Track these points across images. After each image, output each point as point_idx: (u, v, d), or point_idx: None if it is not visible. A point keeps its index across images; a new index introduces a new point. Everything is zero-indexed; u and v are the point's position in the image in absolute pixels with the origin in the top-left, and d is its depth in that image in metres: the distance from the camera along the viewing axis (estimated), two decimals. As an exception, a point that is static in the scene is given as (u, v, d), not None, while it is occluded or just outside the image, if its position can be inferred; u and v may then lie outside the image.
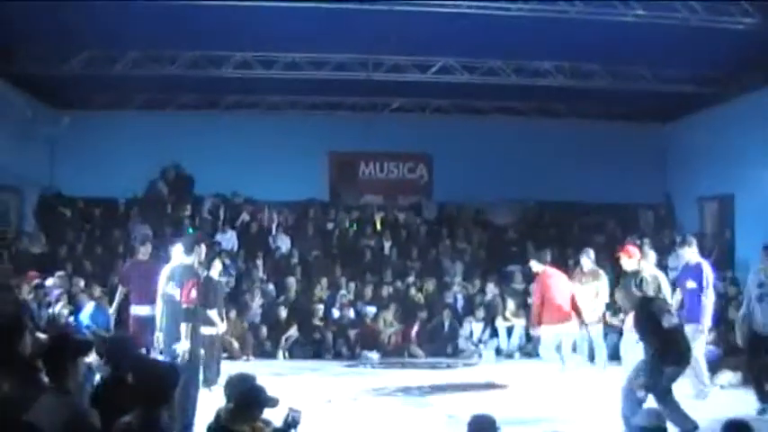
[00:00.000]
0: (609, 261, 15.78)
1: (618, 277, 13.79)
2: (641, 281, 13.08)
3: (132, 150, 20.85)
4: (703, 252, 12.05)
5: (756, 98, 18.67)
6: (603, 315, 14.60)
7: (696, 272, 12.44)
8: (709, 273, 12.39)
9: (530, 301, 18.77)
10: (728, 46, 16.29)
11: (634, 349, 13.14)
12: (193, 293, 9.99)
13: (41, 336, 11.40)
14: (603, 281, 14.59)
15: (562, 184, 22.02)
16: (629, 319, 12.88)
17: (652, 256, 12.94)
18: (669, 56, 17.46)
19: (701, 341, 12.11)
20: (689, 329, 12.28)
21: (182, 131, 21.51)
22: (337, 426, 10.38)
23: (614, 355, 14.85)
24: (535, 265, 14.21)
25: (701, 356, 12.10)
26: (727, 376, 13.27)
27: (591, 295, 14.64)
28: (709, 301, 12.17)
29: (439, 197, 23.74)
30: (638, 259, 13.58)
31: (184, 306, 9.91)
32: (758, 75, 18.21)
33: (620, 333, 14.00)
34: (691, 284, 12.41)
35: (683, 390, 11.91)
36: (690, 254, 12.70)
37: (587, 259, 14.95)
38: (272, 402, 6.39)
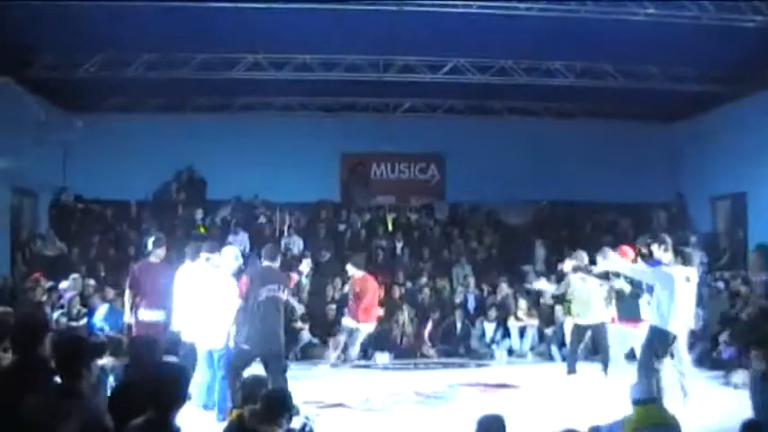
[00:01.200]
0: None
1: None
2: (615, 275, 13.12)
3: (145, 153, 20.94)
4: (716, 251, 12.01)
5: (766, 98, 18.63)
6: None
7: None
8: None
9: (542, 301, 18.85)
10: (740, 44, 16.23)
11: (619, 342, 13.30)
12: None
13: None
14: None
15: (574, 183, 21.99)
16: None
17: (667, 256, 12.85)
18: (680, 54, 17.42)
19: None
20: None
21: (194, 134, 21.56)
22: (351, 428, 10.39)
23: (630, 355, 14.88)
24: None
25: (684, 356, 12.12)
26: (742, 376, 13.21)
27: (605, 295, 14.65)
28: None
29: (451, 198, 23.75)
30: (630, 259, 13.55)
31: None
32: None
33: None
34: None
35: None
36: (659, 253, 12.62)
37: (603, 259, 14.92)
38: (295, 410, 6.43)
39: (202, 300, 11.03)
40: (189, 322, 11.22)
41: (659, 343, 11.32)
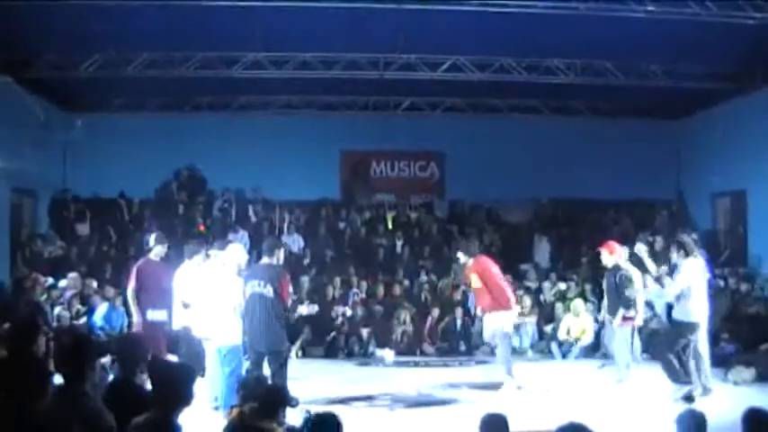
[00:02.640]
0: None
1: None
2: (621, 277, 13.14)
3: (146, 152, 20.94)
4: (716, 249, 12.12)
5: (766, 93, 18.64)
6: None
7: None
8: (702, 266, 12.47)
9: (542, 298, 18.88)
10: (739, 41, 16.25)
11: (616, 341, 13.33)
12: (290, 288, 10.73)
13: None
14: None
15: (575, 181, 22.01)
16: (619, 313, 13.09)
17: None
18: (681, 52, 17.42)
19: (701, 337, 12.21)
20: None
21: (195, 133, 21.57)
22: (353, 426, 10.38)
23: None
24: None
25: (704, 352, 12.18)
26: (741, 372, 13.24)
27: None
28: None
29: (451, 195, 23.76)
30: (618, 255, 13.57)
31: (289, 302, 10.68)
32: (768, 70, 18.19)
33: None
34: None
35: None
36: (675, 256, 12.70)
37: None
38: (294, 402, 6.45)
39: (210, 298, 11.05)
40: (198, 320, 11.25)
41: (682, 336, 11.77)
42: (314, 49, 17.97)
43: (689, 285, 11.71)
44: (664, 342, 11.93)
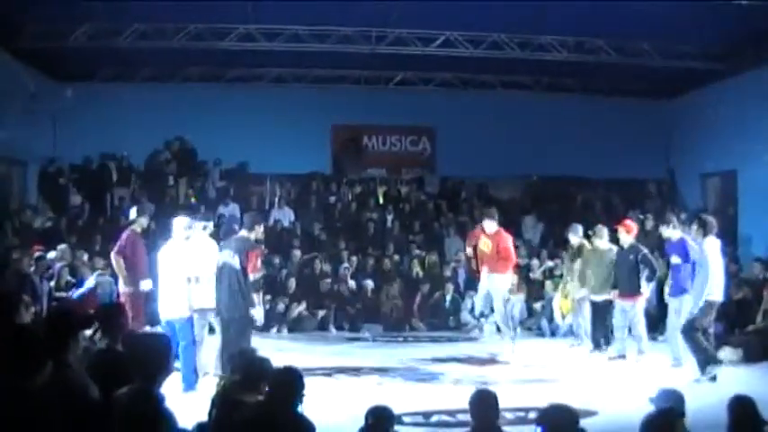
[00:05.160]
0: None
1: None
2: (644, 256, 13.32)
3: (136, 123, 20.78)
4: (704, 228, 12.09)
5: (760, 74, 18.60)
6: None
7: (678, 247, 12.57)
8: (693, 245, 12.49)
9: (532, 275, 18.92)
10: (732, 21, 16.22)
11: (625, 320, 13.42)
12: (259, 263, 10.87)
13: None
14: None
15: (566, 158, 21.98)
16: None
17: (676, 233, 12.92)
18: (674, 31, 17.39)
19: (685, 314, 12.25)
20: (674, 304, 12.50)
21: (185, 104, 21.44)
22: (341, 399, 10.42)
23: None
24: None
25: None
26: (728, 353, 13.29)
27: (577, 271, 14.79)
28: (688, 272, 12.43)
29: (442, 171, 23.71)
30: (634, 234, 13.72)
31: (253, 276, 10.74)
32: (762, 51, 18.12)
33: (610, 304, 14.15)
34: (675, 260, 12.61)
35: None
36: (670, 232, 12.78)
37: (574, 235, 15.03)
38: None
39: (197, 271, 11.20)
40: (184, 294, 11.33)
41: (707, 315, 11.71)
42: (306, 22, 17.85)
43: (707, 264, 11.62)
44: (690, 323, 11.77)
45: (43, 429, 4.34)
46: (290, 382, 6.08)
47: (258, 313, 10.75)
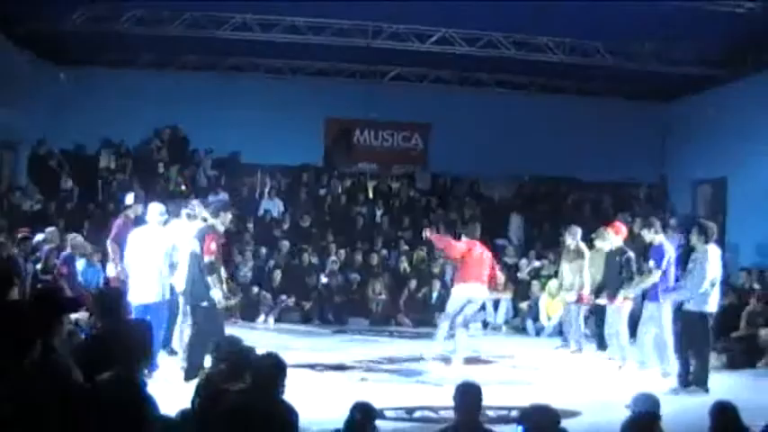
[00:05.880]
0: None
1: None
2: (627, 259, 13.30)
3: (129, 109, 20.73)
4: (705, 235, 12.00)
5: (753, 82, 18.67)
6: (582, 295, 14.63)
7: (656, 252, 12.54)
8: (670, 251, 12.45)
9: (520, 276, 18.93)
10: (728, 29, 16.26)
11: (620, 325, 13.37)
12: (213, 246, 10.69)
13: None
14: (586, 260, 14.62)
15: (558, 159, 22.04)
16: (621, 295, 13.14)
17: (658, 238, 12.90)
18: (669, 36, 17.42)
19: (666, 318, 12.22)
20: (648, 309, 12.46)
21: (180, 92, 21.38)
22: (323, 392, 10.42)
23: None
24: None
25: (668, 336, 12.20)
26: (712, 359, 13.30)
27: (575, 273, 14.76)
28: (656, 278, 12.36)
29: (434, 168, 23.72)
30: (623, 236, 13.72)
31: (206, 259, 10.60)
32: (758, 58, 18.17)
33: (602, 311, 14.16)
34: (651, 264, 12.58)
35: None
36: (651, 236, 12.74)
37: (570, 237, 15.02)
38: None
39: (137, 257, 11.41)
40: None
41: (702, 326, 11.43)
42: (303, 13, 17.83)
43: (705, 272, 11.38)
44: (699, 337, 11.51)
45: (28, 412, 4.35)
46: (271, 368, 6.09)
47: (216, 295, 10.66)
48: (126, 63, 21.55)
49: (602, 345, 14.62)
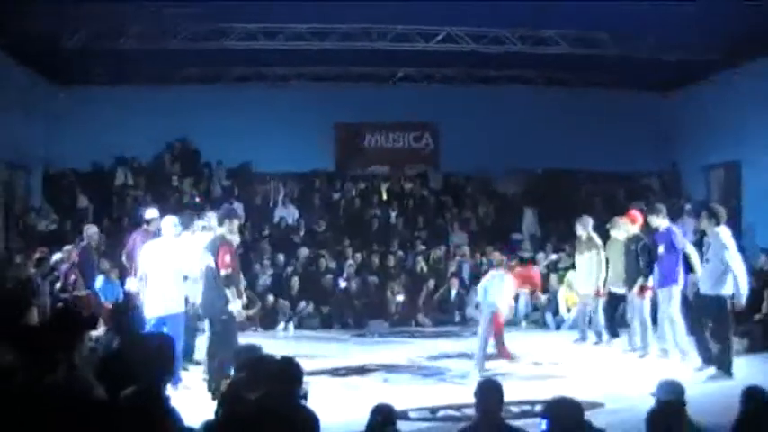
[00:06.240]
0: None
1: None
2: (644, 246, 13.27)
3: (137, 124, 20.83)
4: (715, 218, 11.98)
5: (764, 66, 18.57)
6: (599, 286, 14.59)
7: (665, 237, 12.53)
8: (679, 235, 12.44)
9: (534, 269, 18.88)
10: (735, 13, 16.17)
11: (643, 314, 13.34)
12: (228, 259, 10.66)
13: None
14: (599, 249, 14.56)
15: (569, 152, 21.98)
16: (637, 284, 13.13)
17: (664, 223, 12.90)
18: (676, 24, 17.33)
19: (675, 304, 12.21)
20: (662, 294, 12.45)
21: (187, 105, 21.44)
22: (347, 396, 10.45)
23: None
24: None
25: (678, 319, 12.19)
26: (734, 343, 13.26)
27: (587, 264, 14.71)
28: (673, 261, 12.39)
29: (445, 166, 23.73)
30: (639, 225, 13.69)
31: (223, 272, 10.58)
32: (766, 43, 18.08)
33: (622, 300, 14.15)
34: (661, 250, 12.56)
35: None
36: (658, 221, 12.74)
37: (581, 227, 14.94)
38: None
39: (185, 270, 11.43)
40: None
41: (719, 309, 11.37)
42: (306, 20, 17.86)
43: (722, 255, 11.29)
44: (717, 320, 11.39)
45: (50, 429, 4.38)
46: (288, 373, 6.10)
47: (235, 307, 10.66)
48: (129, 79, 21.54)
49: (614, 333, 14.63)
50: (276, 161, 21.83)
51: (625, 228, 13.91)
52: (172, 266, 11.28)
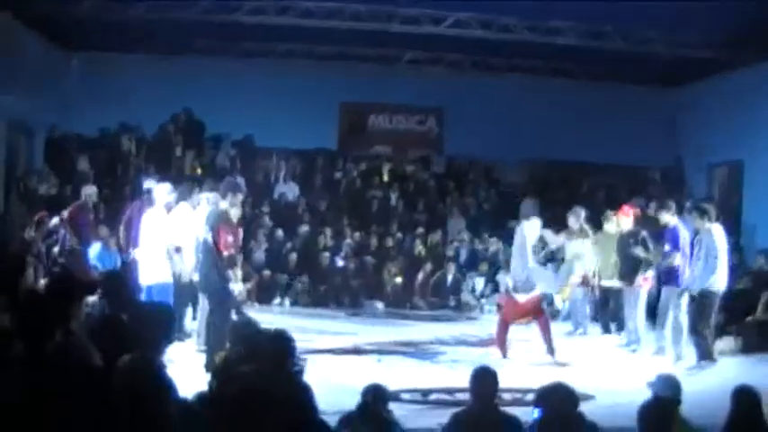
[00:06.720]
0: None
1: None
2: (643, 240, 13.30)
3: (144, 94, 20.77)
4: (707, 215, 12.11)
5: (768, 66, 18.59)
6: (587, 276, 14.62)
7: (671, 234, 12.58)
8: (684, 234, 12.47)
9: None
10: (741, 12, 16.14)
11: (637, 307, 13.38)
12: (230, 239, 10.57)
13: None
14: (589, 240, 14.58)
15: (573, 144, 21.95)
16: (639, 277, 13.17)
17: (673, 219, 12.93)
18: (682, 20, 17.30)
19: (680, 304, 12.27)
20: (666, 292, 12.51)
21: (194, 77, 21.39)
22: (339, 375, 10.48)
23: (596, 318, 15.16)
24: None
25: (682, 321, 12.24)
26: (728, 343, 13.31)
27: (579, 255, 14.73)
28: (677, 260, 12.42)
29: (449, 151, 23.70)
30: (633, 219, 13.73)
31: (225, 253, 10.48)
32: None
33: (614, 295, 14.23)
34: (666, 247, 12.62)
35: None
36: (667, 217, 12.79)
37: (573, 218, 14.95)
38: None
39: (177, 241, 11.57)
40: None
41: (708, 305, 11.66)
42: (317, -2, 17.83)
43: (715, 252, 11.62)
44: (701, 316, 11.76)
45: (49, 396, 4.39)
46: (281, 345, 6.10)
47: (237, 288, 10.59)
48: (138, 48, 21.45)
49: (606, 329, 14.71)
50: (279, 137, 21.75)
51: (617, 222, 13.96)
52: (161, 236, 11.31)
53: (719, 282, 11.76)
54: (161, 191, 11.73)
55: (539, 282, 12.51)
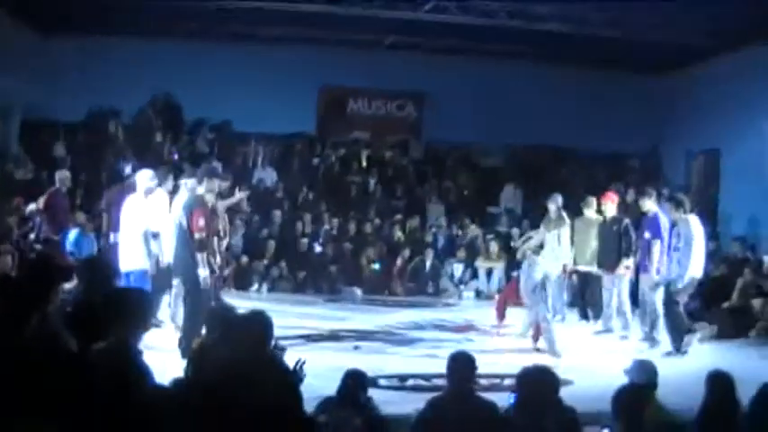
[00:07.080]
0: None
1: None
2: (626, 227, 13.39)
3: (121, 77, 20.55)
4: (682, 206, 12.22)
5: (749, 54, 18.61)
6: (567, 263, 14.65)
7: (652, 222, 12.66)
8: (664, 222, 12.54)
9: (513, 244, 18.92)
10: (724, 2, 16.18)
11: (622, 294, 13.47)
12: (201, 222, 10.45)
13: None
14: (566, 227, 14.53)
15: (552, 130, 21.93)
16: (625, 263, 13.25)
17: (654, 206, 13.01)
18: (664, 8, 17.32)
19: (659, 291, 12.34)
20: (644, 280, 12.61)
21: (172, 60, 21.23)
22: (316, 362, 10.45)
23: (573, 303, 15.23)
24: None
25: (659, 308, 12.31)
26: (702, 330, 13.39)
27: (554, 241, 14.69)
28: (657, 248, 12.47)
29: (428, 137, 23.65)
30: (615, 207, 13.82)
31: (196, 236, 10.41)
32: (752, 31, 18.09)
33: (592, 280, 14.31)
34: (646, 235, 12.69)
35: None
36: (648, 205, 12.87)
37: (552, 204, 14.89)
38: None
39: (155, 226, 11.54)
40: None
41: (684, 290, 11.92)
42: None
43: (690, 240, 11.76)
44: (673, 302, 11.94)
45: (26, 381, 4.36)
46: (258, 326, 6.08)
47: (203, 273, 10.48)
48: (115, 30, 21.26)
49: (584, 315, 14.79)
50: (258, 122, 21.59)
51: (603, 208, 14.00)
52: (139, 222, 11.30)
53: (695, 270, 11.90)
54: (143, 177, 11.68)
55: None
